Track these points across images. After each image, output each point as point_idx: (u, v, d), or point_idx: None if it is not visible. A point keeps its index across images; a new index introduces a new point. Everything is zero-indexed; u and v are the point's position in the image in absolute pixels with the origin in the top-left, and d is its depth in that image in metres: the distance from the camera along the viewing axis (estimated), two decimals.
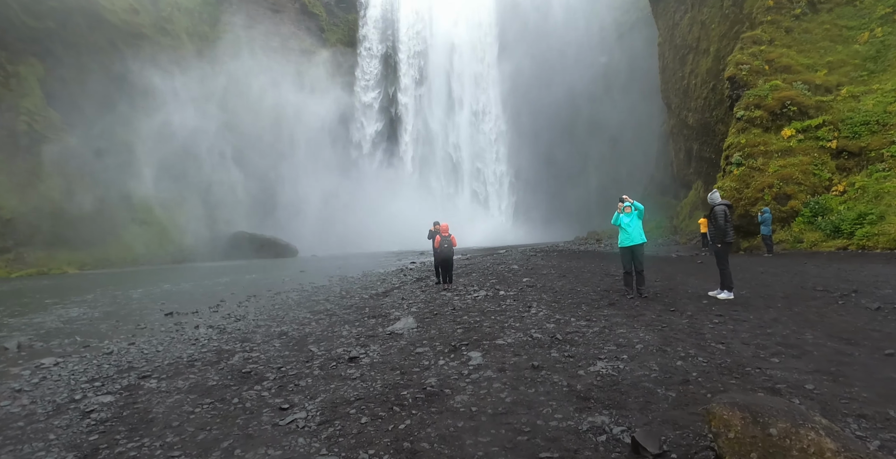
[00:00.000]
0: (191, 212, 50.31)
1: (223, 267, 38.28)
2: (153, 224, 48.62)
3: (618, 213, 11.06)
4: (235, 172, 55.16)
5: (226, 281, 24.66)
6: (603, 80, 60.94)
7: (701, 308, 9.25)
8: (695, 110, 38.61)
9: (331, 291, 16.74)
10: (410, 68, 68.53)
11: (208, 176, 53.18)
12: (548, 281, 14.74)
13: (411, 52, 68.42)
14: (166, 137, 50.35)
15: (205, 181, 52.87)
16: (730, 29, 34.28)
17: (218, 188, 53.75)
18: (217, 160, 54.36)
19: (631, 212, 10.92)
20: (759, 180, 21.21)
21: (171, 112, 52.28)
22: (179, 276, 31.27)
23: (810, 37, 23.50)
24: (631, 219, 10.86)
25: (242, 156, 56.46)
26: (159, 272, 37.39)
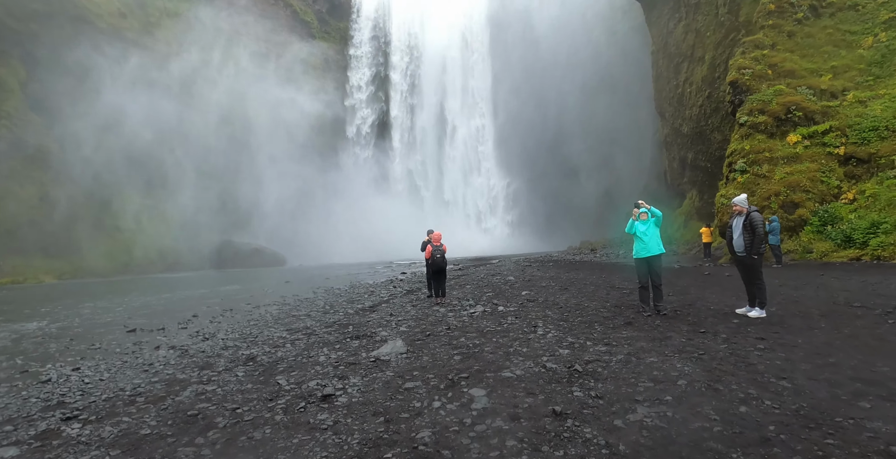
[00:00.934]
0: (176, 220, 48.56)
1: (206, 277, 36.58)
2: (137, 232, 46.83)
3: (632, 220, 9.74)
4: (223, 181, 53.50)
5: (205, 293, 23.07)
6: (595, 90, 60.12)
7: (734, 329, 7.92)
8: (689, 118, 37.69)
9: (314, 305, 15.27)
10: (402, 79, 67.45)
11: (196, 184, 51.52)
12: (549, 294, 13.38)
13: (403, 63, 67.34)
14: (148, 143, 48.70)
15: (192, 189, 51.18)
16: (725, 37, 33.47)
17: (204, 195, 52.04)
18: (204, 168, 52.71)
19: (647, 220, 9.61)
20: (765, 188, 20.07)
21: (154, 118, 50.68)
22: (159, 286, 29.61)
23: (813, 41, 22.56)
24: (647, 227, 9.55)
25: (229, 164, 54.85)
26: (140, 282, 35.63)
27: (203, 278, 36.12)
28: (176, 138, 51.84)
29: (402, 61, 67.55)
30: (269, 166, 56.67)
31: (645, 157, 53.97)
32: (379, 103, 67.54)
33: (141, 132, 49.05)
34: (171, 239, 47.60)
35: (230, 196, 53.50)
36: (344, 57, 65.75)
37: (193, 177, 51.99)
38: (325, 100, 64.77)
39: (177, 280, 36.12)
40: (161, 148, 49.83)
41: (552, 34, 61.36)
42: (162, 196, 49.15)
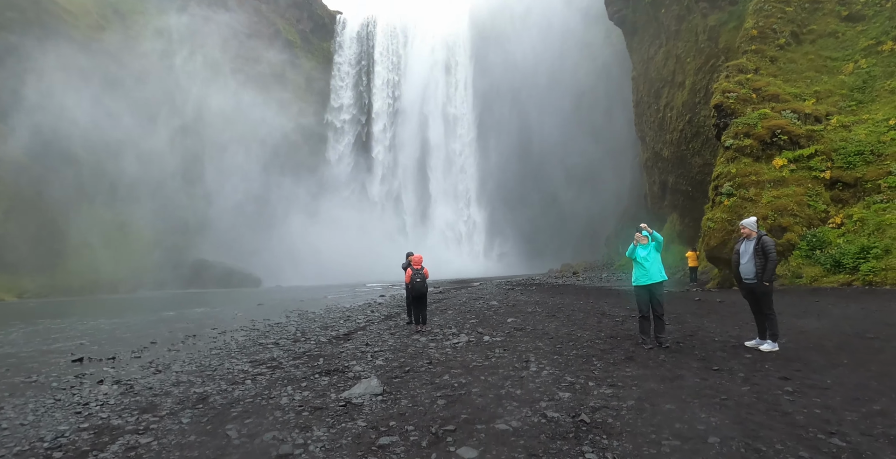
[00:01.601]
0: (147, 237, 46.66)
1: (176, 298, 34.86)
2: (107, 249, 44.81)
3: (633, 245, 8.90)
4: (199, 198, 51.86)
5: (171, 316, 21.60)
6: (575, 114, 60.36)
7: (750, 366, 7.04)
8: (670, 143, 37.62)
9: (285, 331, 14.07)
10: (384, 101, 66.94)
11: (170, 200, 49.80)
12: (537, 322, 12.43)
13: (385, 85, 66.90)
14: (123, 156, 47.06)
15: (166, 205, 49.43)
16: (705, 63, 33.62)
17: (180, 213, 50.32)
18: (179, 185, 51.08)
19: (648, 244, 8.78)
20: (752, 211, 19.53)
21: (129, 129, 49.19)
22: (125, 308, 27.92)
23: (795, 66, 22.48)
24: (648, 252, 8.73)
25: (204, 181, 53.31)
26: (106, 302, 33.74)
27: (172, 298, 34.39)
28: (158, 152, 50.28)
29: (385, 83, 67.20)
30: (246, 185, 55.24)
31: (625, 181, 53.95)
32: (359, 125, 66.87)
33: (107, 144, 47.37)
34: (141, 256, 45.63)
35: (205, 214, 51.81)
36: (326, 76, 65.18)
37: (166, 193, 50.30)
38: (306, 118, 63.93)
39: (144, 300, 34.34)
40: (128, 163, 48.15)
41: (533, 60, 61.70)
42: (133, 212, 47.29)
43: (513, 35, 63.02)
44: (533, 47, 61.89)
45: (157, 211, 48.85)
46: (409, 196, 66.55)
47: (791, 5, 23.43)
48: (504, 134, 65.61)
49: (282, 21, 61.29)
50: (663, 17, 36.93)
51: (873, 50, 22.02)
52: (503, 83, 64.81)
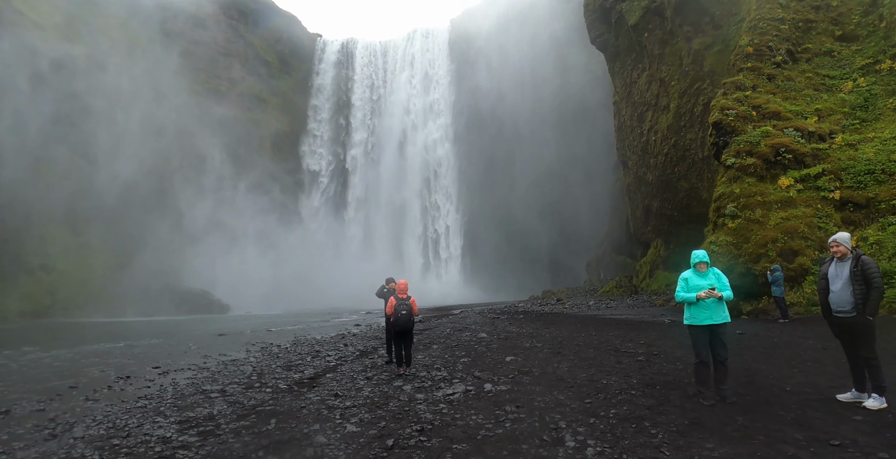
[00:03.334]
0: (112, 260, 43.09)
1: (133, 325, 31.55)
2: (61, 271, 41.13)
3: (690, 274, 6.82)
4: (163, 217, 48.59)
5: (117, 348, 18.66)
6: (553, 140, 59.31)
7: (872, 434, 4.92)
8: (654, 167, 36.32)
9: (239, 372, 11.51)
10: (362, 127, 65.03)
11: (138, 221, 46.46)
12: (543, 361, 10.18)
13: (363, 112, 65.11)
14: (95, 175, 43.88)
15: (133, 227, 46.07)
16: (690, 86, 32.64)
17: (142, 233, 46.97)
18: (142, 203, 47.81)
19: (706, 272, 6.73)
20: (760, 234, 17.83)
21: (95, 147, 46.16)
22: (71, 335, 24.66)
23: (793, 84, 21.25)
24: (718, 283, 6.71)
25: (169, 201, 50.16)
26: (52, 329, 30.24)
27: (129, 326, 31.09)
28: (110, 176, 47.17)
29: (363, 110, 65.45)
30: (215, 207, 52.23)
31: (605, 206, 52.62)
32: (337, 148, 64.78)
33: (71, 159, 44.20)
34: (103, 279, 42.00)
35: (174, 236, 48.52)
36: (304, 98, 63.18)
37: (131, 212, 47.01)
38: (282, 141, 61.61)
39: (98, 327, 31.01)
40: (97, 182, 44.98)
41: (513, 85, 60.86)
42: (97, 232, 43.83)
43: (493, 62, 62.22)
44: (513, 74, 61.09)
45: (124, 232, 45.44)
46: (384, 221, 64.09)
47: (785, 23, 22.37)
48: (482, 158, 64.18)
49: (259, 41, 59.38)
50: (646, 41, 36.06)
51: (871, 68, 20.94)
52: (483, 109, 63.63)
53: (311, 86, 64.24)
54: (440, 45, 64.77)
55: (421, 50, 64.83)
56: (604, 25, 39.65)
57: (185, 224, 49.88)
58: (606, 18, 39.06)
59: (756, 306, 18.07)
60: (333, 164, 65.12)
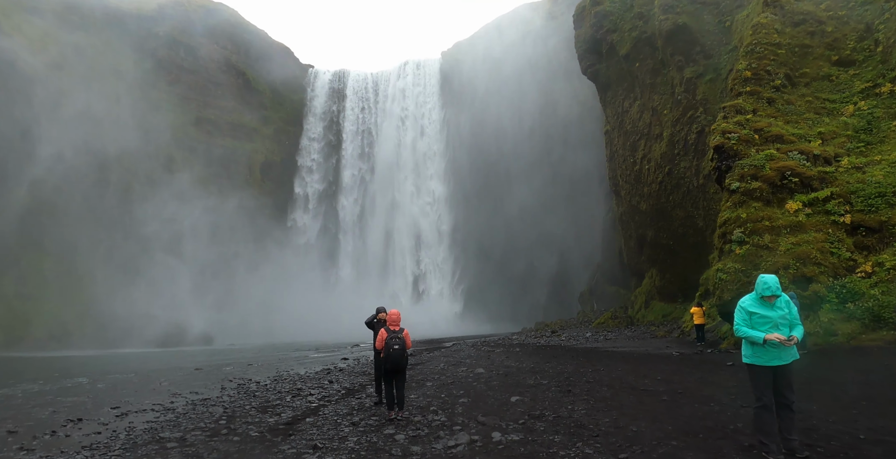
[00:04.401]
0: (94, 290, 40.98)
1: (106, 358, 29.55)
2: (38, 300, 38.96)
3: (755, 304, 5.65)
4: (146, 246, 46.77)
5: (81, 384, 16.94)
6: (543, 172, 58.72)
7: None
8: (648, 196, 35.56)
9: (207, 415, 10.01)
10: (354, 159, 64.21)
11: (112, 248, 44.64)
12: (555, 403, 8.85)
13: (355, 143, 64.43)
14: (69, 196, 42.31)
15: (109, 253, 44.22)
16: (683, 114, 32.25)
17: (131, 264, 45.11)
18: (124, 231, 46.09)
19: (777, 302, 5.56)
20: (770, 260, 16.78)
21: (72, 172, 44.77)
22: (36, 369, 22.71)
23: (794, 108, 20.68)
24: (789, 313, 5.56)
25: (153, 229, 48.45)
26: (23, 362, 28.13)
27: (101, 359, 29.09)
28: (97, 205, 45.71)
29: (354, 141, 64.77)
30: (200, 236, 50.58)
31: (595, 237, 51.68)
32: (328, 178, 63.78)
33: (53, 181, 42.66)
34: (84, 310, 39.84)
35: (157, 266, 46.65)
36: (296, 127, 62.47)
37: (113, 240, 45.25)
38: (271, 171, 60.59)
39: (68, 360, 28.99)
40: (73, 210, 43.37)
41: (503, 115, 60.71)
42: (73, 260, 41.94)
43: (481, 93, 62.15)
44: (504, 107, 60.92)
45: (99, 260, 43.57)
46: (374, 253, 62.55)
47: (782, 48, 22.00)
48: (473, 192, 63.32)
49: (251, 71, 59.02)
50: (637, 70, 35.92)
51: (871, 92, 20.47)
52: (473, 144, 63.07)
53: (303, 116, 63.73)
54: (431, 77, 64.88)
55: (412, 82, 64.85)
56: (594, 56, 39.59)
57: (168, 253, 48.09)
58: (597, 49, 39.03)
59: None
60: (324, 195, 64.00)
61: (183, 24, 56.04)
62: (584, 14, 39.82)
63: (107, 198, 46.47)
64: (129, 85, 51.65)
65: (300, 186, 62.87)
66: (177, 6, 56.40)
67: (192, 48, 55.42)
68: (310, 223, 62.62)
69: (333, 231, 62.80)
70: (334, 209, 63.41)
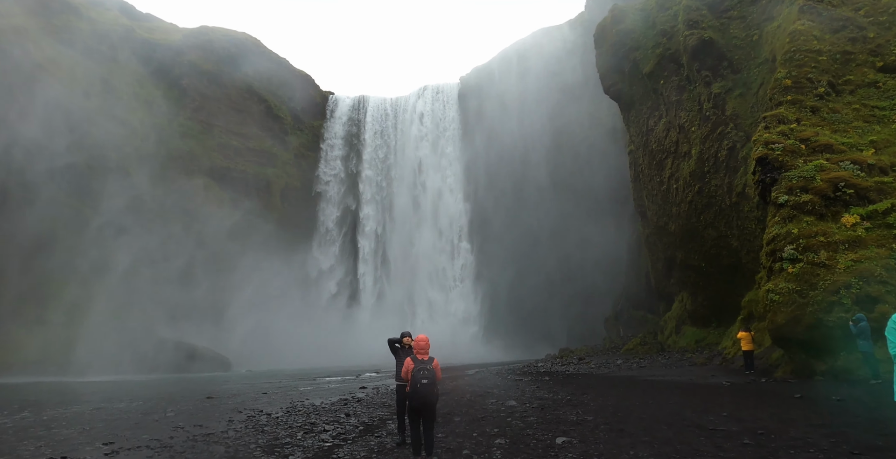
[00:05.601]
0: (103, 314, 40.22)
1: (118, 385, 28.36)
2: (48, 324, 38.19)
3: None
4: (165, 270, 46.14)
5: (80, 414, 15.69)
6: (566, 194, 57.25)
7: None
8: (677, 216, 33.80)
9: (206, 456, 8.65)
10: (374, 184, 63.59)
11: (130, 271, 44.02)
12: (610, 446, 7.33)
13: (376, 171, 63.87)
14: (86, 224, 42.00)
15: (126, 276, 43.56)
16: (712, 130, 30.79)
17: (142, 287, 44.45)
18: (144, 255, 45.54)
19: None
20: (829, 279, 15.12)
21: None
22: (30, 398, 21.51)
23: (840, 116, 19.16)
24: None
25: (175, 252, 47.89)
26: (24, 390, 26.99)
27: (111, 386, 27.92)
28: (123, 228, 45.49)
29: (374, 166, 64.24)
30: (221, 259, 49.91)
31: (622, 260, 49.68)
32: (349, 203, 63.12)
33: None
34: (93, 334, 38.94)
35: (171, 289, 45.87)
36: (316, 153, 62.29)
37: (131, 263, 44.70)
38: (292, 196, 60.16)
39: (69, 387, 27.91)
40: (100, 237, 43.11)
41: (523, 138, 59.80)
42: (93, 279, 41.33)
43: (498, 115, 61.43)
44: (523, 126, 60.12)
45: (117, 283, 42.95)
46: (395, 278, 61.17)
47: (823, 55, 20.62)
48: (496, 215, 61.96)
49: (273, 97, 59.28)
50: (662, 88, 34.71)
51: None
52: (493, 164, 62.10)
53: (323, 142, 63.62)
54: (450, 102, 64.53)
55: (431, 107, 64.54)
56: (617, 75, 38.53)
57: (185, 275, 47.42)
58: (620, 67, 38.00)
59: (832, 364, 15.04)
60: (345, 220, 63.26)
61: (206, 53, 56.76)
62: (606, 33, 38.97)
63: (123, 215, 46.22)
64: (154, 113, 52.09)
65: (319, 212, 62.30)
66: (201, 36, 57.27)
67: (215, 76, 55.92)
68: (330, 247, 61.75)
69: (353, 255, 61.79)
70: (353, 232, 62.57)
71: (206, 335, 45.04)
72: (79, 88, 47.61)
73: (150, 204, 49.00)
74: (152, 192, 49.58)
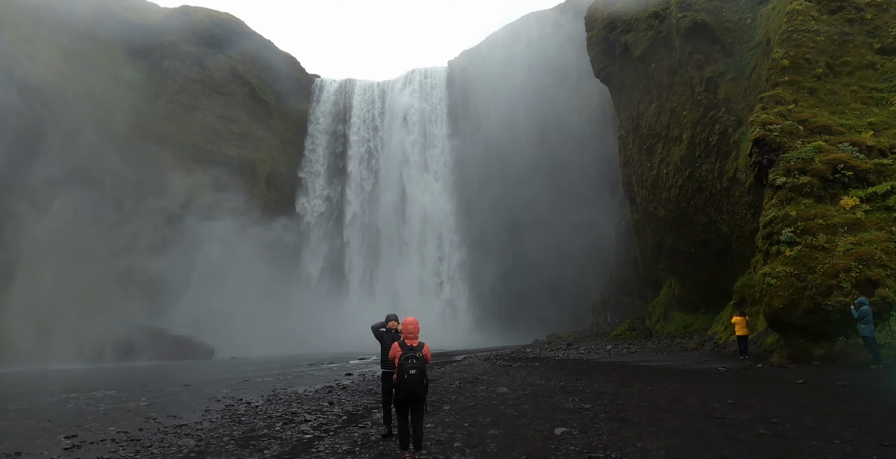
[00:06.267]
0: (76, 300, 38.87)
1: (87, 375, 27.28)
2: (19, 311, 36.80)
3: None
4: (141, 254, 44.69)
5: (46, 405, 14.81)
6: (552, 181, 56.58)
7: None
8: (667, 201, 33.32)
9: (174, 450, 7.87)
10: (359, 168, 62.26)
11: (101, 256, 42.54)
12: (613, 436, 6.69)
13: (362, 156, 62.53)
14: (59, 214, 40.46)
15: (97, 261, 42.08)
16: (704, 114, 30.20)
17: (125, 273, 43.12)
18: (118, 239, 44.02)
19: None
20: (828, 262, 14.66)
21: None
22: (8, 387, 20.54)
23: (838, 98, 18.63)
24: None
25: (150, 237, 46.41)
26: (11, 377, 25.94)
27: (93, 374, 26.93)
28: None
29: (360, 152, 62.91)
30: (200, 245, 48.55)
31: (609, 246, 49.29)
32: (334, 188, 61.86)
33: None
34: (71, 322, 37.71)
35: (155, 274, 44.60)
36: (301, 137, 60.81)
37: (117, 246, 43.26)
38: (277, 181, 58.78)
39: (49, 375, 26.86)
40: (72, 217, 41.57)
41: (511, 124, 58.85)
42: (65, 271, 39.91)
43: (490, 101, 60.40)
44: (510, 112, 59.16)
45: (100, 272, 41.58)
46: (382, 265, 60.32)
47: (820, 35, 20.00)
48: (482, 202, 61.18)
49: (257, 80, 57.54)
50: (654, 71, 34.01)
51: None
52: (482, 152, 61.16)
53: (309, 125, 62.11)
54: (438, 85, 63.26)
55: (419, 90, 63.23)
56: (608, 58, 37.75)
57: (169, 262, 46.12)
58: (611, 51, 37.21)
59: (830, 349, 14.64)
60: (330, 205, 62.08)
61: (189, 35, 54.75)
62: (597, 15, 38.08)
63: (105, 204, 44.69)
64: (133, 96, 50.23)
65: (304, 196, 61.06)
66: (182, 16, 55.16)
67: (197, 58, 54.03)
68: (316, 232, 60.66)
69: (340, 238, 60.78)
70: (341, 224, 61.49)
71: (190, 322, 43.93)
72: (54, 69, 45.65)
73: (130, 188, 47.43)
74: (134, 177, 47.99)
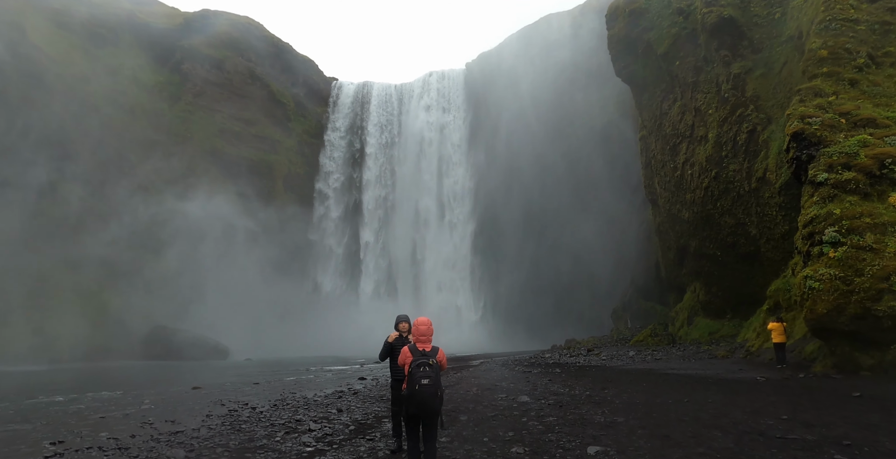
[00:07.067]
0: (96, 300, 38.75)
1: (105, 372, 26.90)
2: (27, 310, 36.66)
3: None
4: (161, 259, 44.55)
5: (49, 404, 14.19)
6: (571, 183, 55.27)
7: None
8: (692, 203, 31.92)
9: None
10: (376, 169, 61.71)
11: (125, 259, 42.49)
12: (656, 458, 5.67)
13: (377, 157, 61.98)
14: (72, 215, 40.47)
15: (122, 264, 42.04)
16: (731, 113, 28.83)
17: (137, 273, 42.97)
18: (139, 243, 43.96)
19: None
20: (878, 264, 13.40)
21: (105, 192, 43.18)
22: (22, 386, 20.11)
23: (882, 90, 17.35)
24: None
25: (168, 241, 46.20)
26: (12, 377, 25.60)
27: (97, 373, 26.48)
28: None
29: (377, 154, 62.36)
30: (217, 245, 48.27)
31: (629, 250, 47.75)
32: (351, 190, 61.43)
33: None
34: (85, 321, 37.47)
35: (170, 276, 44.39)
36: (319, 140, 60.50)
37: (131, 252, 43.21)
38: (294, 184, 58.49)
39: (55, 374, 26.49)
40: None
41: (529, 125, 57.81)
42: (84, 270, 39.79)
43: (509, 102, 59.43)
44: (528, 113, 58.10)
45: (114, 271, 41.46)
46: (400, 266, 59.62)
47: (860, 24, 18.73)
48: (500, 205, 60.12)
49: (276, 83, 57.43)
50: (677, 69, 32.73)
51: None
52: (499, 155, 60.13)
53: (326, 128, 61.82)
54: (456, 88, 62.55)
55: (437, 93, 62.59)
56: (630, 56, 36.55)
57: (186, 264, 45.89)
58: (632, 49, 36.01)
59: (881, 359, 13.35)
60: (348, 206, 61.66)
61: (209, 38, 54.91)
62: (618, 13, 36.94)
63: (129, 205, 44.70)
64: (154, 98, 50.38)
65: (322, 199, 60.68)
66: (202, 19, 55.41)
67: (217, 61, 54.10)
68: (333, 233, 60.25)
69: (356, 241, 60.26)
70: (358, 218, 61.02)
71: (205, 322, 43.60)
72: (77, 71, 45.92)
73: (151, 190, 47.44)
74: (153, 178, 48.02)
